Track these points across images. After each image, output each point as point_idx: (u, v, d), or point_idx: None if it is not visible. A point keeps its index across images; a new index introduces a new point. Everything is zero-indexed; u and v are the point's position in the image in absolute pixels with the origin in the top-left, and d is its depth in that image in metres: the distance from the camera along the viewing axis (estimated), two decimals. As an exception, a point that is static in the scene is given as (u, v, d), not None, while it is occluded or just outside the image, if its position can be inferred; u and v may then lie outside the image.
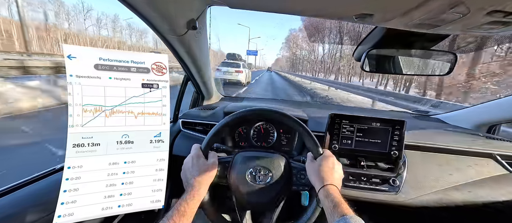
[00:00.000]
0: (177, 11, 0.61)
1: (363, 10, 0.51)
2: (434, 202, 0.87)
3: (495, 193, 0.87)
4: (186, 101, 1.27)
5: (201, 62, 0.98)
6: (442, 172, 0.91)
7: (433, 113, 1.53)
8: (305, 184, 0.71)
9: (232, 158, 0.73)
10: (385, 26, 0.68)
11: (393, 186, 0.86)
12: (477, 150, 0.95)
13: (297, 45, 61.23)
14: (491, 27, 0.50)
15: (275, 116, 0.76)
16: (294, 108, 1.22)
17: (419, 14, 0.48)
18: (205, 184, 0.62)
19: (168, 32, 0.69)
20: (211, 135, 0.71)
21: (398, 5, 0.47)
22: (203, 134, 1.04)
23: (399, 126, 0.86)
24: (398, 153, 0.87)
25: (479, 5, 0.41)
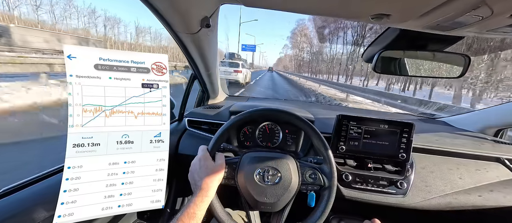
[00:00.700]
0: (191, 8, 0.61)
1: (380, 10, 0.49)
2: (443, 206, 0.86)
3: (505, 198, 0.86)
4: (191, 100, 1.27)
5: (210, 61, 0.97)
6: (451, 175, 0.89)
7: (439, 116, 1.52)
8: (314, 184, 0.70)
9: (239, 159, 0.72)
10: (401, 27, 0.65)
11: (400, 189, 0.85)
12: (485, 154, 0.94)
13: (307, 37, 54.36)
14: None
15: (283, 116, 0.75)
16: (300, 108, 1.21)
17: (438, 15, 0.45)
18: (213, 186, 0.62)
19: (182, 30, 0.69)
20: (218, 136, 0.71)
21: (418, 6, 0.44)
22: (208, 133, 1.04)
23: (407, 128, 0.85)
24: (406, 155, 0.86)
25: (503, 8, 0.37)
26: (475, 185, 0.87)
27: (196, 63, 0.95)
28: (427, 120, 1.47)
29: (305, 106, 1.57)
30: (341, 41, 32.55)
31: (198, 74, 1.07)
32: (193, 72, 1.09)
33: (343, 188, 0.86)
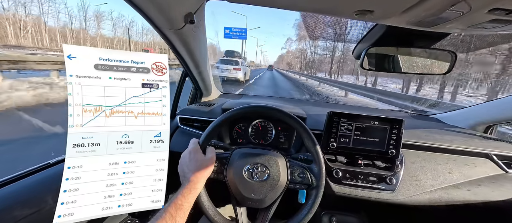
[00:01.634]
0: (174, 4, 0.60)
1: (363, 7, 0.51)
2: (432, 201, 0.87)
3: (492, 193, 0.88)
4: (184, 98, 1.27)
5: (199, 58, 0.97)
6: (440, 171, 0.91)
7: (431, 113, 1.54)
8: (303, 182, 0.71)
9: (229, 154, 0.73)
10: (385, 24, 0.68)
11: (390, 185, 0.86)
12: (474, 150, 0.96)
13: (317, 25, 39.68)
14: (493, 25, 0.49)
15: (273, 113, 0.76)
16: (293, 106, 1.22)
17: (420, 11, 0.47)
18: (202, 179, 0.62)
19: (165, 26, 0.68)
20: (210, 130, 0.71)
21: (399, 2, 0.47)
22: (201, 131, 1.04)
23: (397, 125, 0.86)
24: (395, 151, 0.87)
25: (480, 3, 0.40)
26: (464, 180, 0.89)
27: (185, 61, 0.95)
28: (419, 117, 1.49)
29: (299, 103, 1.59)
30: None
31: (189, 71, 1.06)
32: (184, 70, 1.08)
33: (333, 184, 0.87)
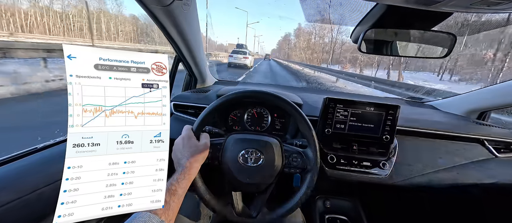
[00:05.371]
0: None
1: None
2: (424, 184, 0.89)
3: (480, 176, 0.90)
4: (179, 86, 1.25)
5: (191, 41, 0.94)
6: (432, 155, 0.94)
7: (427, 100, 1.57)
8: (297, 167, 0.71)
9: (224, 140, 0.73)
10: (385, 3, 0.65)
11: (383, 170, 0.87)
12: (466, 135, 0.99)
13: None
14: (496, 5, 0.46)
15: (269, 98, 0.75)
16: (290, 92, 1.22)
17: None
18: (196, 165, 0.62)
19: (151, 1, 0.65)
20: (204, 116, 0.71)
21: None
22: (195, 117, 1.03)
23: (392, 111, 0.87)
24: (389, 137, 0.88)
25: None
26: (455, 164, 0.92)
27: (177, 43, 0.92)
28: (414, 103, 1.50)
29: (296, 90, 1.60)
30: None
31: (182, 56, 1.04)
32: (177, 54, 1.05)
33: (328, 169, 0.88)
